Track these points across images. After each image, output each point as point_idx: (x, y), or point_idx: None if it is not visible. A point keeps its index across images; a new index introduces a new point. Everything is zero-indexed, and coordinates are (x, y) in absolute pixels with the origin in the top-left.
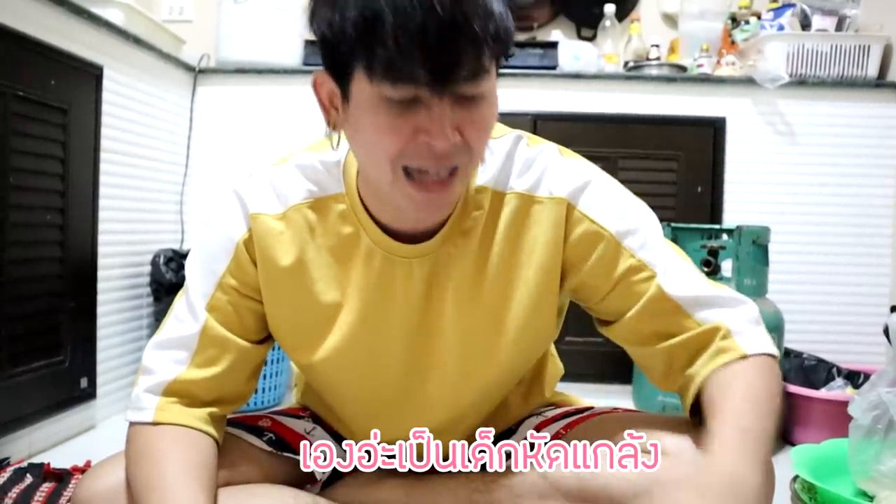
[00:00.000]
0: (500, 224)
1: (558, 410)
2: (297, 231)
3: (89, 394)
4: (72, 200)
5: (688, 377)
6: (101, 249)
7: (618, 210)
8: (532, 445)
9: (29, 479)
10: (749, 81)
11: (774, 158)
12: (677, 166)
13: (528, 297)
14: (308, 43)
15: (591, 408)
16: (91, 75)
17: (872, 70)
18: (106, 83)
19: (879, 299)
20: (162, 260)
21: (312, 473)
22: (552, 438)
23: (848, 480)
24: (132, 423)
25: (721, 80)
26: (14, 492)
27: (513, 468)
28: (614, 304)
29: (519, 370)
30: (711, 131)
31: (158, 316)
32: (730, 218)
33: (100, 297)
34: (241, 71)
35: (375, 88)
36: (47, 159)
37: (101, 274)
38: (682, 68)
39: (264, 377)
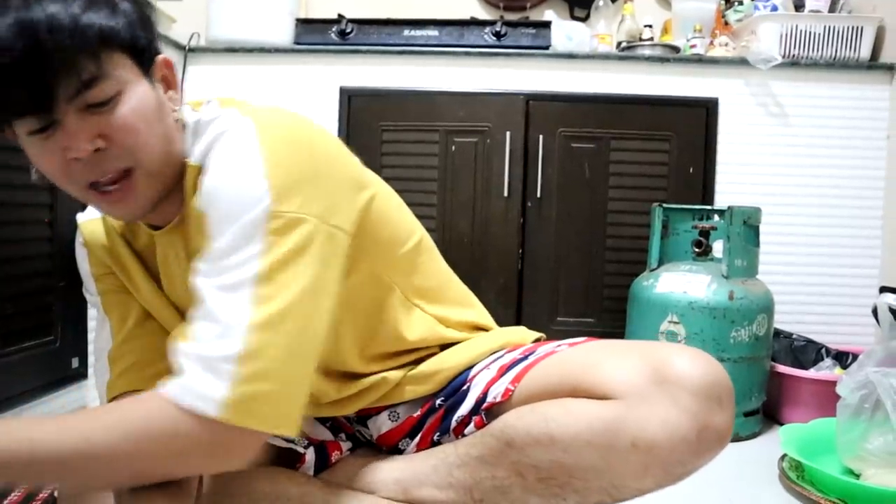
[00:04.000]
0: (187, 193)
1: (499, 360)
2: (109, 233)
3: (81, 374)
4: None
5: None
6: None
7: (223, 178)
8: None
9: None
10: (742, 62)
11: (767, 139)
12: (670, 147)
13: None
14: (300, 22)
15: (530, 348)
16: None
17: (865, 51)
18: None
19: (869, 280)
20: None
21: (295, 453)
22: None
23: (835, 459)
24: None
25: (714, 61)
26: None
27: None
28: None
29: None
30: (704, 112)
31: None
32: (722, 199)
33: None
34: (232, 50)
35: (13, 130)
36: None
37: None
38: (675, 49)
39: None
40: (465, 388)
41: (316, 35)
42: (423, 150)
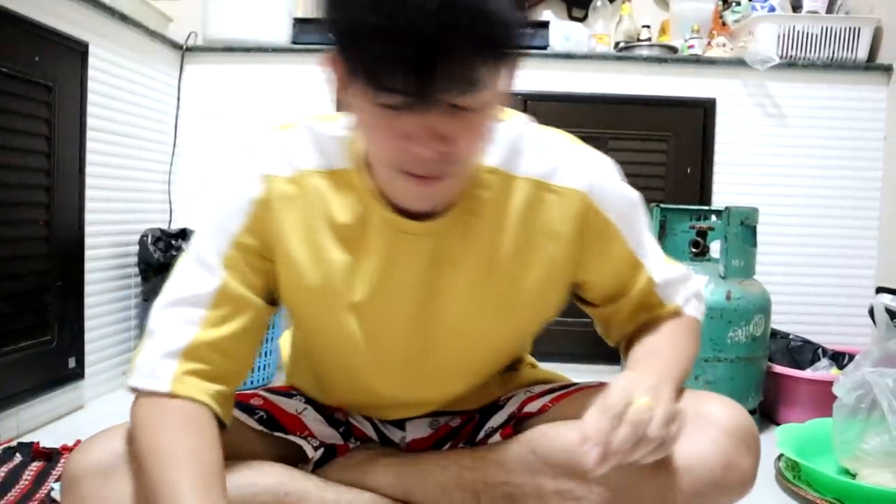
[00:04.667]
0: (512, 208)
1: (546, 386)
2: (306, 198)
3: (77, 374)
4: (58, 179)
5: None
6: (87, 229)
7: (623, 205)
8: (520, 422)
9: (18, 458)
10: (739, 63)
11: (764, 140)
12: (667, 147)
13: (537, 281)
14: (297, 21)
15: (576, 384)
16: (76, 52)
17: (862, 52)
18: (92, 60)
19: (865, 280)
20: (150, 240)
21: (304, 452)
22: (539, 412)
23: (831, 459)
24: (143, 392)
25: (711, 62)
26: (3, 470)
27: (502, 443)
28: (608, 293)
29: (516, 349)
30: (702, 112)
31: (147, 296)
32: (719, 199)
33: (87, 277)
34: (230, 49)
35: (365, 91)
36: (32, 137)
37: (88, 253)
38: (673, 49)
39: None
40: (501, 401)
41: (313, 34)
42: None
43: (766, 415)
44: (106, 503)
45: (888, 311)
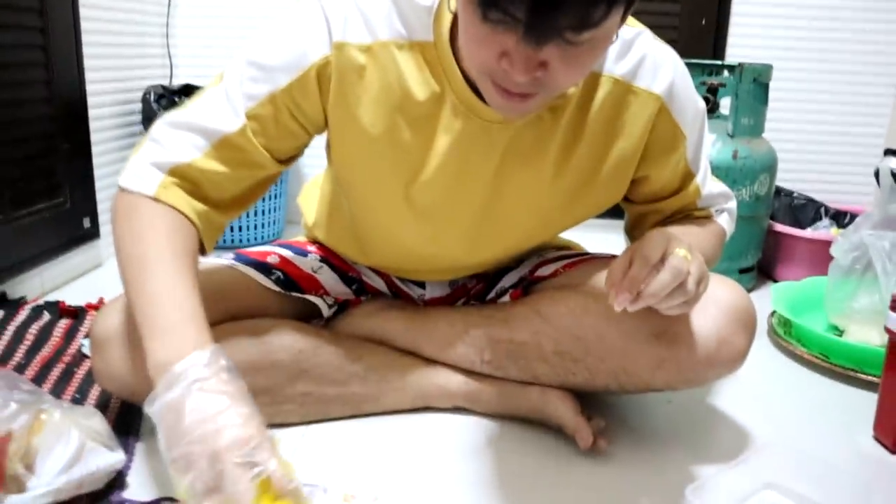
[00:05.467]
0: (594, 106)
1: (559, 252)
2: (381, 70)
3: (93, 233)
4: (53, 37)
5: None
6: (89, 87)
7: (693, 114)
8: (530, 284)
9: (46, 316)
10: None
11: None
12: None
13: (604, 177)
14: None
15: (589, 253)
16: None
17: None
18: None
19: (876, 139)
20: (152, 97)
21: (319, 309)
22: (549, 276)
23: (822, 316)
24: (127, 190)
25: None
26: (34, 329)
27: (509, 303)
28: (656, 193)
29: (566, 231)
30: None
31: None
32: (734, 52)
33: (93, 137)
34: None
35: (475, 2)
36: (21, 6)
37: (91, 113)
38: None
39: (263, 213)
40: (514, 263)
41: None
42: None
43: (765, 271)
44: (131, 363)
45: (893, 174)
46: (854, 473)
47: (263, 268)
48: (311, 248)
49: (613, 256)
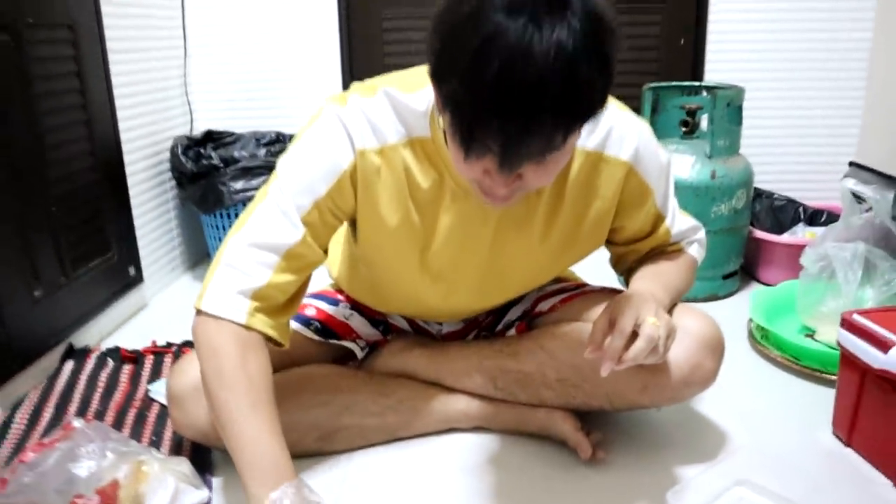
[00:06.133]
0: (571, 176)
1: (557, 286)
2: (393, 169)
3: (137, 279)
4: (92, 110)
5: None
6: (124, 147)
7: (658, 170)
8: (532, 318)
9: (110, 363)
10: None
11: (756, 6)
12: (660, 19)
13: (587, 231)
14: None
15: (585, 285)
16: None
17: None
18: None
19: (849, 139)
20: (180, 150)
21: (353, 352)
22: (548, 311)
23: (796, 317)
24: (215, 316)
25: None
26: (103, 377)
27: (515, 337)
28: (633, 237)
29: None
30: None
31: (183, 201)
32: (712, 68)
33: (131, 191)
34: None
35: (457, 142)
36: (66, 77)
37: (128, 170)
38: None
39: None
40: (517, 298)
41: None
42: (423, 38)
43: (749, 273)
44: (204, 415)
45: (853, 193)
46: (812, 465)
47: (303, 320)
48: (340, 297)
49: (603, 289)
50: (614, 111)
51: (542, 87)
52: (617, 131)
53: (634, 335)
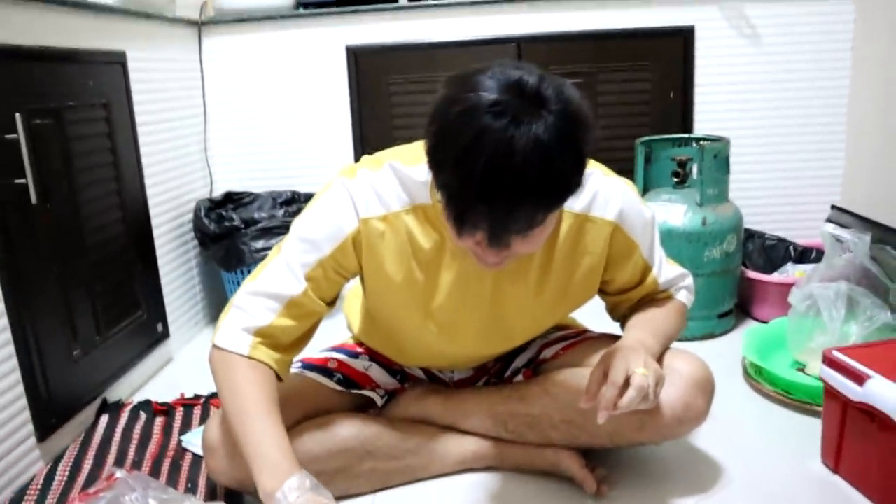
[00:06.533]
0: (560, 236)
1: (560, 333)
2: (396, 232)
3: (164, 335)
4: (123, 180)
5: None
6: (151, 212)
7: (642, 226)
8: (538, 365)
9: (143, 416)
10: None
11: (740, 60)
12: (651, 76)
13: (578, 284)
14: None
15: (585, 331)
16: (118, 63)
17: None
18: (130, 64)
19: (834, 180)
20: (202, 212)
21: (373, 400)
22: (552, 358)
23: (788, 353)
24: (224, 350)
25: None
26: (136, 429)
27: (523, 383)
28: (623, 287)
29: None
30: (682, 40)
31: (206, 260)
32: (701, 118)
33: (158, 252)
34: (242, 20)
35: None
36: (101, 152)
37: (155, 233)
38: None
39: None
40: (523, 346)
41: None
42: (428, 100)
43: (744, 310)
44: (236, 463)
45: (833, 236)
46: (803, 492)
47: (326, 372)
48: (360, 349)
49: (602, 335)
50: (599, 176)
51: (523, 177)
52: (602, 194)
53: (627, 383)
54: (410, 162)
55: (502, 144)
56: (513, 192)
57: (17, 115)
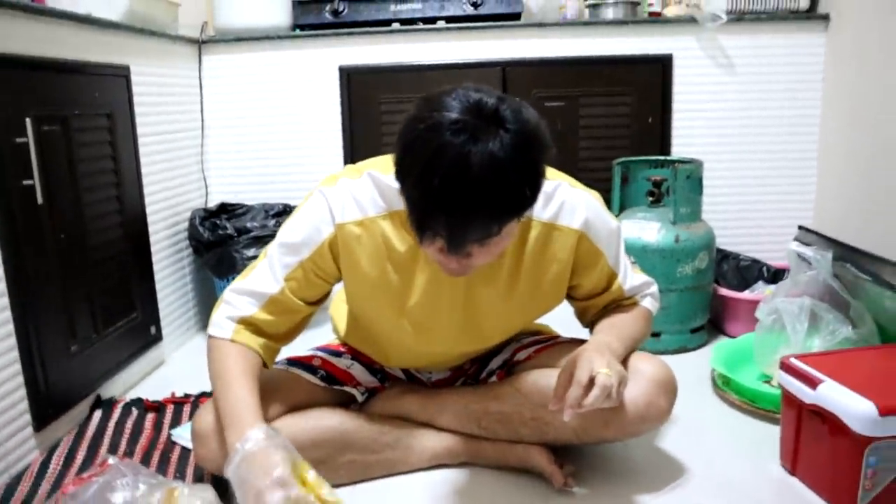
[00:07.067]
0: (528, 244)
1: (532, 338)
2: (372, 236)
3: (157, 338)
4: (123, 187)
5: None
6: (149, 219)
7: (607, 235)
8: (511, 367)
9: (135, 412)
10: (693, 21)
11: (716, 88)
12: (631, 101)
13: (546, 290)
14: (297, 3)
15: (557, 337)
16: (122, 77)
17: (804, 2)
18: (133, 78)
19: (806, 203)
20: (197, 221)
21: (354, 397)
22: (525, 360)
23: (755, 366)
24: (213, 337)
25: (668, 21)
26: (128, 423)
27: (496, 383)
28: (590, 293)
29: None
30: (660, 67)
31: (200, 267)
32: (679, 142)
33: (154, 258)
34: (241, 39)
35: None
36: (103, 159)
37: (151, 239)
38: (636, 3)
39: None
40: (498, 349)
41: (312, 15)
42: None
43: (717, 327)
44: (223, 450)
45: (798, 255)
46: (761, 491)
47: (310, 368)
48: (343, 349)
49: (572, 339)
50: (566, 187)
51: (477, 190)
52: (569, 204)
53: (592, 383)
54: (387, 171)
55: (459, 159)
56: (468, 203)
57: (28, 120)
